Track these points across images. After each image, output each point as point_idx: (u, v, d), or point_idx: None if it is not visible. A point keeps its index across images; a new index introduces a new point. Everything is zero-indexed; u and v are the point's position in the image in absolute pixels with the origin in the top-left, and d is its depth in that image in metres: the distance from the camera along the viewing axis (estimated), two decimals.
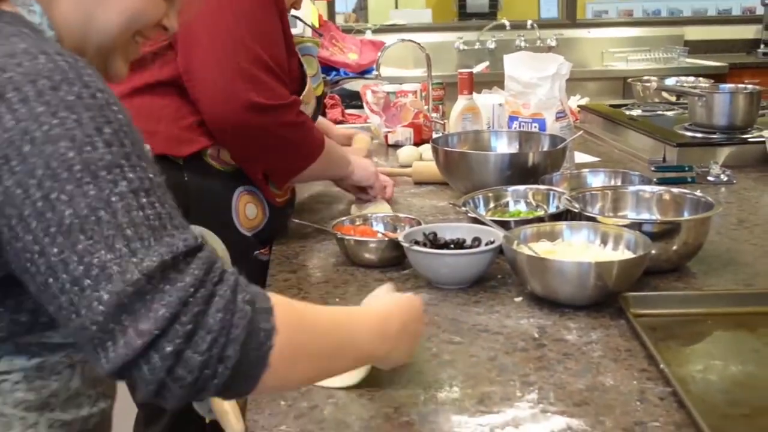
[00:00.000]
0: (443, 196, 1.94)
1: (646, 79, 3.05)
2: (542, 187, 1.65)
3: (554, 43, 4.76)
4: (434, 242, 1.42)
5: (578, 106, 2.91)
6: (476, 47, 4.80)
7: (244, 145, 1.53)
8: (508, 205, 1.64)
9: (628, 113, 2.66)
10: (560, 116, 2.11)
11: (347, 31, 4.20)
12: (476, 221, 1.48)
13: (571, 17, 5.03)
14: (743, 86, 2.38)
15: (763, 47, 4.93)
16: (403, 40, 2.77)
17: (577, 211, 1.44)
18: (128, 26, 0.90)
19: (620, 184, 1.71)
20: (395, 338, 0.94)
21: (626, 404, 0.96)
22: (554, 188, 1.63)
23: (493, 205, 1.63)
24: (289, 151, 1.57)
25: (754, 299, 1.25)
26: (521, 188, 1.65)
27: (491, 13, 5.18)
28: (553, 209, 1.56)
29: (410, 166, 2.14)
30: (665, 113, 2.67)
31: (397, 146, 2.46)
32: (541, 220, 1.49)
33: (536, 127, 2.11)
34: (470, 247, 1.40)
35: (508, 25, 4.76)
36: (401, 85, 2.73)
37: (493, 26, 4.81)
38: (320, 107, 1.87)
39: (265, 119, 1.48)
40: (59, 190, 0.71)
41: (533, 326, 1.19)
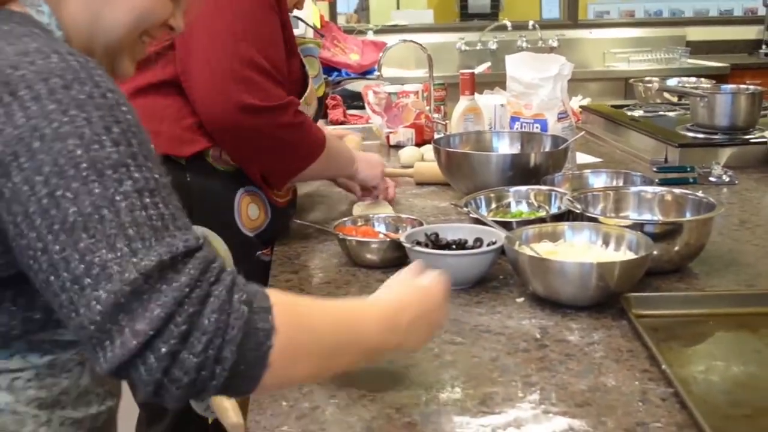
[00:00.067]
0: (445, 196, 1.93)
1: (647, 79, 3.05)
2: (544, 187, 1.65)
3: (556, 43, 4.76)
4: (436, 243, 1.42)
5: (580, 106, 2.91)
6: (478, 48, 4.81)
7: (239, 146, 1.53)
8: (509, 205, 1.64)
9: (629, 114, 2.66)
10: (562, 117, 2.11)
11: (349, 31, 4.19)
12: (478, 222, 1.48)
13: (572, 18, 5.03)
14: (745, 87, 2.38)
15: (764, 48, 4.93)
16: (404, 40, 2.77)
17: (578, 211, 1.44)
18: (136, 26, 0.91)
19: (622, 184, 1.71)
20: (406, 330, 0.90)
21: (628, 405, 0.96)
22: (556, 189, 1.63)
23: (494, 205, 1.63)
24: (286, 151, 1.56)
25: (755, 300, 1.25)
26: (523, 189, 1.65)
27: (493, 13, 5.19)
28: (554, 210, 1.56)
29: (412, 166, 2.14)
30: (667, 114, 2.67)
31: (398, 147, 2.47)
32: (542, 220, 1.49)
33: (538, 127, 2.11)
34: (472, 247, 1.40)
35: (509, 25, 4.77)
36: (403, 85, 2.73)
37: (494, 27, 4.81)
38: (322, 108, 1.87)
39: (259, 120, 1.47)
40: (65, 187, 0.71)
41: (535, 327, 1.19)
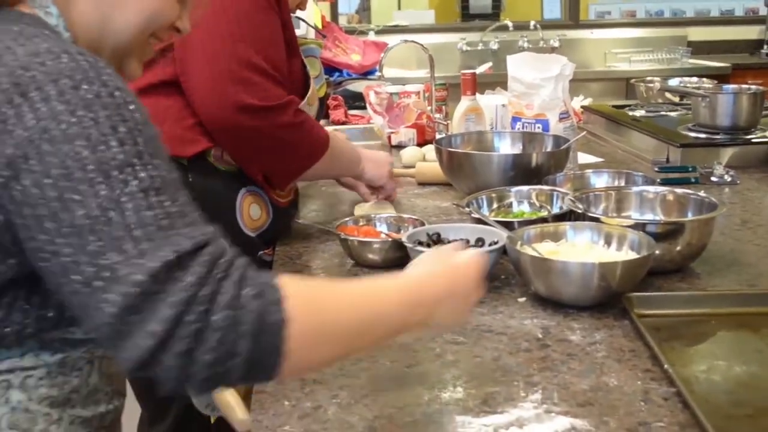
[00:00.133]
0: (447, 196, 1.93)
1: (649, 79, 3.05)
2: (546, 187, 1.65)
3: (557, 43, 4.76)
4: (438, 243, 1.42)
5: (581, 106, 2.91)
6: (479, 48, 4.81)
7: (239, 146, 1.53)
8: (511, 205, 1.64)
9: (631, 114, 2.66)
10: (563, 117, 2.11)
11: (350, 32, 4.20)
12: (480, 222, 1.48)
13: (574, 18, 5.03)
14: (746, 87, 2.38)
15: (766, 48, 4.93)
16: (406, 41, 2.77)
17: (580, 211, 1.44)
18: (145, 27, 0.91)
19: (624, 184, 1.71)
20: (431, 304, 0.88)
21: (630, 405, 0.96)
22: (558, 189, 1.63)
23: (496, 205, 1.63)
24: (287, 151, 1.56)
25: (757, 299, 1.25)
26: (525, 189, 1.65)
27: (494, 14, 5.19)
28: (556, 210, 1.56)
29: (413, 166, 2.14)
30: (668, 114, 2.66)
31: (400, 147, 2.46)
32: (544, 220, 1.49)
33: (539, 127, 2.11)
34: (474, 247, 1.39)
35: (511, 25, 4.77)
36: (404, 86, 2.74)
37: (496, 27, 4.81)
38: (323, 108, 1.87)
39: (258, 120, 1.47)
40: (72, 190, 0.71)
41: (537, 327, 1.19)
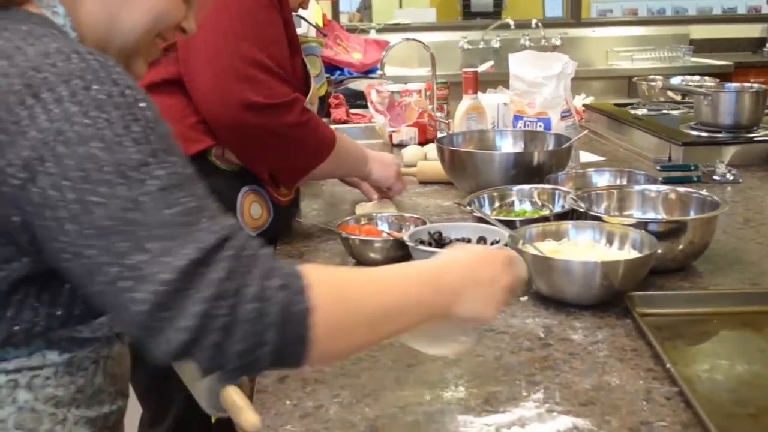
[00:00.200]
0: (448, 195, 1.93)
1: (651, 78, 3.05)
2: (547, 186, 1.65)
3: (559, 42, 4.75)
4: (439, 242, 1.42)
5: (583, 105, 2.90)
6: (481, 46, 4.80)
7: (245, 144, 1.52)
8: (513, 204, 1.63)
9: (633, 112, 2.66)
10: (565, 115, 2.11)
11: (351, 30, 4.20)
12: (481, 221, 1.47)
13: (575, 16, 5.02)
14: (749, 85, 2.38)
15: None
16: (407, 39, 2.77)
17: (582, 210, 1.44)
18: (152, 27, 0.91)
19: (626, 183, 1.70)
20: (454, 290, 0.88)
21: (632, 404, 0.96)
22: (559, 187, 1.63)
23: (498, 204, 1.63)
24: (292, 150, 1.55)
25: (760, 298, 1.25)
26: (526, 188, 1.65)
27: (496, 12, 5.19)
28: (558, 208, 1.56)
29: (415, 165, 2.14)
30: (670, 112, 2.66)
31: (401, 146, 2.46)
32: (546, 219, 1.49)
33: (541, 126, 2.11)
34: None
35: (512, 24, 4.76)
36: (406, 84, 2.73)
37: (497, 25, 4.80)
38: (324, 107, 1.86)
39: (263, 118, 1.46)
40: (92, 192, 0.72)
41: (539, 326, 1.19)
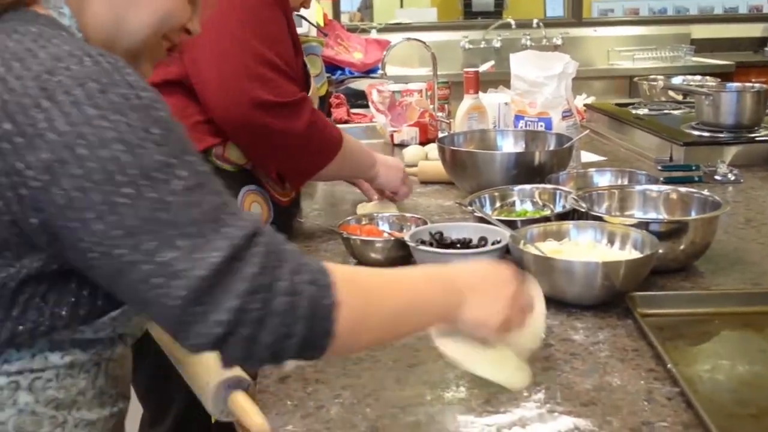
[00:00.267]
0: (449, 195, 1.93)
1: (652, 77, 3.04)
2: (549, 186, 1.65)
3: (560, 41, 4.75)
4: (440, 242, 1.42)
5: (584, 105, 2.90)
6: (482, 46, 4.80)
7: (254, 143, 1.52)
8: (514, 204, 1.63)
9: (634, 112, 2.65)
10: (566, 115, 2.11)
11: (352, 30, 4.19)
12: (482, 221, 1.47)
13: (576, 16, 5.02)
14: (750, 85, 2.38)
15: None
16: (408, 39, 2.77)
17: (583, 210, 1.43)
18: (158, 28, 0.91)
19: (627, 183, 1.70)
20: (462, 293, 0.91)
21: (633, 404, 0.96)
22: (561, 187, 1.63)
23: (499, 204, 1.63)
24: (300, 149, 1.54)
25: (761, 299, 1.25)
26: (527, 187, 1.65)
27: (497, 11, 5.19)
28: (559, 209, 1.56)
29: (416, 165, 2.14)
30: (672, 112, 2.66)
31: (402, 145, 2.46)
32: (547, 219, 1.49)
33: (542, 126, 2.11)
34: (476, 246, 1.39)
35: (513, 23, 4.76)
36: (407, 84, 2.73)
37: (498, 25, 4.80)
38: (324, 107, 1.86)
39: (273, 116, 1.47)
40: (118, 193, 0.73)
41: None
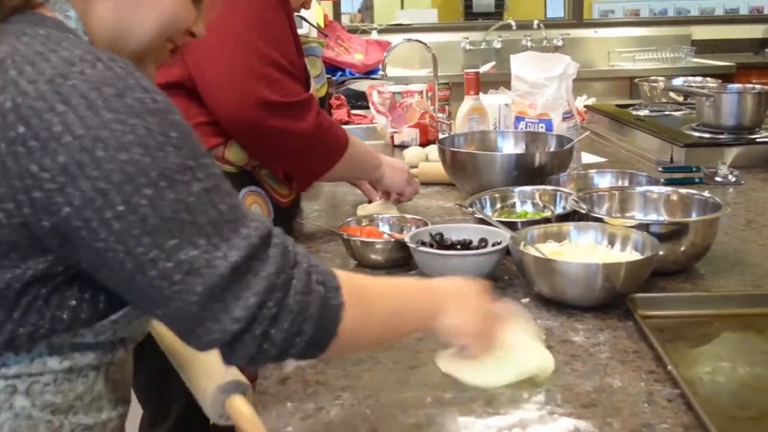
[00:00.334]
0: (450, 196, 1.93)
1: (653, 79, 3.04)
2: (549, 187, 1.64)
3: (560, 43, 4.75)
4: (441, 243, 1.41)
5: (585, 106, 2.90)
6: (482, 47, 4.80)
7: (260, 144, 1.52)
8: (514, 205, 1.63)
9: (635, 113, 2.65)
10: (567, 116, 2.11)
11: (353, 31, 4.19)
12: (483, 222, 1.47)
13: (577, 17, 5.02)
14: (751, 86, 2.38)
15: None
16: (409, 40, 2.77)
17: (584, 212, 1.43)
18: (163, 31, 0.91)
19: (627, 184, 1.70)
20: (442, 300, 0.96)
21: (634, 406, 0.96)
22: (561, 189, 1.63)
23: (499, 205, 1.63)
24: (306, 150, 1.54)
25: (762, 300, 1.25)
26: (528, 189, 1.64)
27: (497, 12, 5.19)
28: (560, 210, 1.56)
29: (416, 166, 2.13)
30: (672, 113, 2.66)
31: (403, 147, 2.46)
32: (548, 221, 1.48)
33: (543, 127, 2.10)
34: (477, 248, 1.39)
35: (514, 24, 4.76)
36: (407, 85, 2.73)
37: (499, 26, 4.80)
38: (325, 108, 1.86)
39: (279, 117, 1.46)
40: (138, 194, 0.74)
41: (540, 328, 1.18)
